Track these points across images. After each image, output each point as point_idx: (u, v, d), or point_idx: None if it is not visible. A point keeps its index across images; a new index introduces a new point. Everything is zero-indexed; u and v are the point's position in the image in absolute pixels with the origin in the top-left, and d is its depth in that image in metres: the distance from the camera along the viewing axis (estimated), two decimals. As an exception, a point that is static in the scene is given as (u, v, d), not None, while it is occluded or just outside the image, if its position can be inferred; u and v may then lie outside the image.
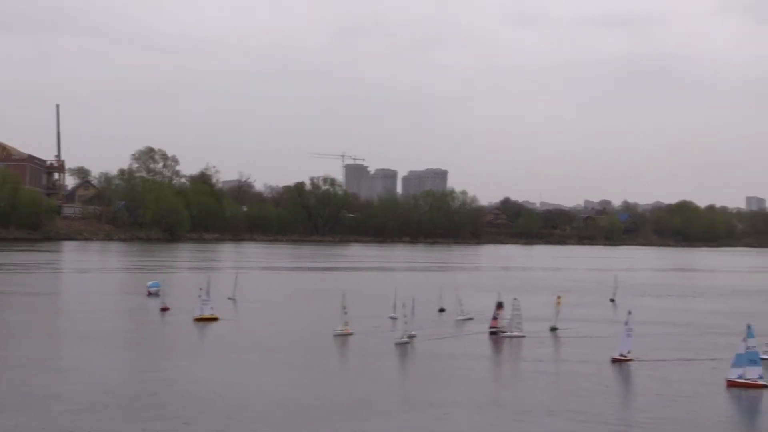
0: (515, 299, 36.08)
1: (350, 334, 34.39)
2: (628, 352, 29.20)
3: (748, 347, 26.08)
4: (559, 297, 39.43)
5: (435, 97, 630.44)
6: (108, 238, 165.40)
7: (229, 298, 47.87)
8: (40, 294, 53.23)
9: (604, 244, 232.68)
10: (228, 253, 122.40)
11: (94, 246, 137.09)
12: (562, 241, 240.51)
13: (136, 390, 23.43)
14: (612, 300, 55.19)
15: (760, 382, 25.74)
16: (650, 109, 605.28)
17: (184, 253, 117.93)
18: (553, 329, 37.11)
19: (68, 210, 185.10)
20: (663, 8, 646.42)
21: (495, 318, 36.11)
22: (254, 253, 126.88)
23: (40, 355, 29.14)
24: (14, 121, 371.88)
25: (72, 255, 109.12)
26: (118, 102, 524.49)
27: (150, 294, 51.11)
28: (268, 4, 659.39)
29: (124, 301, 49.67)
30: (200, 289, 41.60)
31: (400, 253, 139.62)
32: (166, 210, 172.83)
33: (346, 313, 34.71)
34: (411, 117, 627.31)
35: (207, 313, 39.50)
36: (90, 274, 72.26)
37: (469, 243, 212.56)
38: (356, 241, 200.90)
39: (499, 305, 36.21)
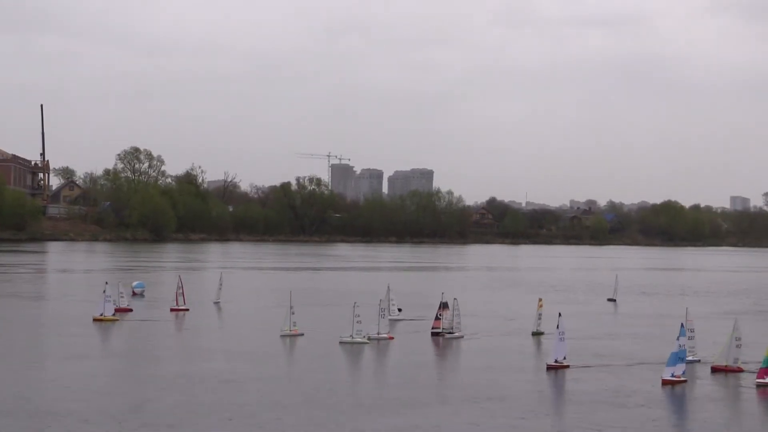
0: (455, 299, 35.85)
1: (300, 335, 34.32)
2: (564, 358, 28.49)
3: (680, 345, 26.45)
4: (540, 300, 38.52)
5: (421, 98, 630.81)
6: (94, 238, 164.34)
7: (215, 302, 47.05)
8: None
9: (590, 244, 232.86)
10: (214, 254, 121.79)
11: (80, 246, 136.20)
12: (548, 240, 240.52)
13: None
14: (612, 300, 54.40)
15: (682, 378, 26.15)
16: (636, 108, 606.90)
17: (171, 254, 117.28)
18: (537, 334, 36.01)
19: (53, 210, 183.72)
20: (651, 8, 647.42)
21: (438, 318, 36.26)
22: (240, 253, 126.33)
23: None
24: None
25: (57, 256, 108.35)
26: (104, 102, 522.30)
27: (135, 294, 50.87)
28: (254, 5, 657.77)
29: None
30: (106, 283, 41.06)
31: (386, 253, 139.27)
32: (152, 210, 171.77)
33: (293, 313, 34.57)
34: (397, 117, 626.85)
35: (108, 314, 38.71)
36: (75, 275, 71.73)
37: (455, 243, 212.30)
38: (343, 241, 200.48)
39: (444, 306, 36.31)
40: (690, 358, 29.61)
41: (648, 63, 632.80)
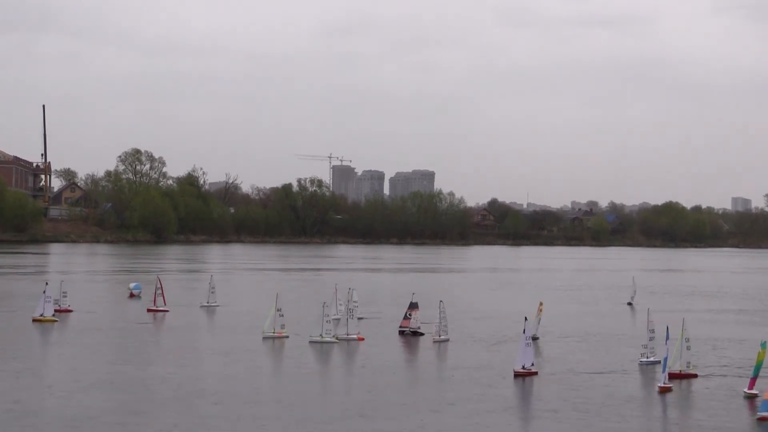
0: (441, 302, 35.35)
1: (285, 336, 33.98)
2: (532, 365, 27.19)
3: (667, 350, 25.93)
4: (541, 303, 37.68)
5: (422, 99, 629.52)
6: (95, 240, 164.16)
7: (202, 306, 45.67)
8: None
9: (592, 245, 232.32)
10: (215, 255, 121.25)
11: (81, 248, 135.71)
12: (549, 241, 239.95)
13: None
14: (629, 303, 53.07)
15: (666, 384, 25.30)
16: (638, 109, 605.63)
17: (171, 255, 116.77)
18: (534, 338, 35.01)
19: (54, 212, 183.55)
20: (654, 8, 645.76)
21: (407, 318, 36.58)
22: (241, 254, 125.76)
23: None
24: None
25: (58, 258, 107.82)
26: (105, 103, 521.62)
27: (132, 295, 50.52)
28: (256, 6, 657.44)
29: (99, 302, 48.66)
30: (46, 283, 40.64)
31: (387, 255, 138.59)
32: (153, 212, 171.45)
33: (281, 315, 34.23)
34: (398, 119, 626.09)
35: (48, 314, 38.09)
36: (76, 276, 71.13)
37: (456, 244, 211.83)
38: (344, 242, 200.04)
39: (413, 306, 36.50)
40: (652, 359, 29.23)
41: (650, 63, 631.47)
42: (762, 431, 20.79)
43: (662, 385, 25.14)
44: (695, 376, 27.14)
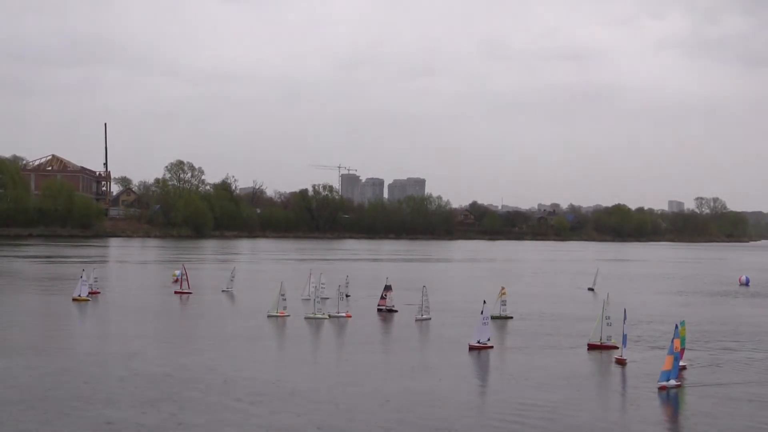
0: (424, 287, 34.47)
1: (286, 315, 32.99)
2: (488, 340, 25.83)
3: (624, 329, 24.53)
4: (503, 288, 36.02)
5: (416, 119, 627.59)
6: (146, 235, 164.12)
7: (223, 291, 43.85)
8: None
9: (555, 240, 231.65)
10: (243, 248, 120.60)
11: (135, 242, 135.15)
12: (519, 237, 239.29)
13: None
14: (591, 289, 51.24)
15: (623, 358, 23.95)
16: (594, 127, 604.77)
17: (208, 248, 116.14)
18: (501, 318, 33.79)
19: (113, 212, 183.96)
20: (607, 45, 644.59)
21: (383, 298, 36.09)
22: (266, 247, 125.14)
23: None
24: (70, 139, 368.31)
25: (116, 250, 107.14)
26: (155, 122, 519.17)
27: (177, 280, 49.70)
28: (281, 42, 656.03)
29: (144, 286, 47.82)
30: (82, 270, 39.93)
31: (386, 247, 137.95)
32: (194, 212, 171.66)
33: (284, 299, 33.38)
34: (396, 135, 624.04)
35: (84, 295, 37.66)
36: (130, 264, 70.40)
37: (443, 239, 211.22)
38: (350, 237, 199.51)
39: (388, 288, 36.10)
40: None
41: (603, 90, 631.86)
42: (660, 398, 19.54)
43: (618, 357, 24.02)
44: (615, 347, 25.64)
